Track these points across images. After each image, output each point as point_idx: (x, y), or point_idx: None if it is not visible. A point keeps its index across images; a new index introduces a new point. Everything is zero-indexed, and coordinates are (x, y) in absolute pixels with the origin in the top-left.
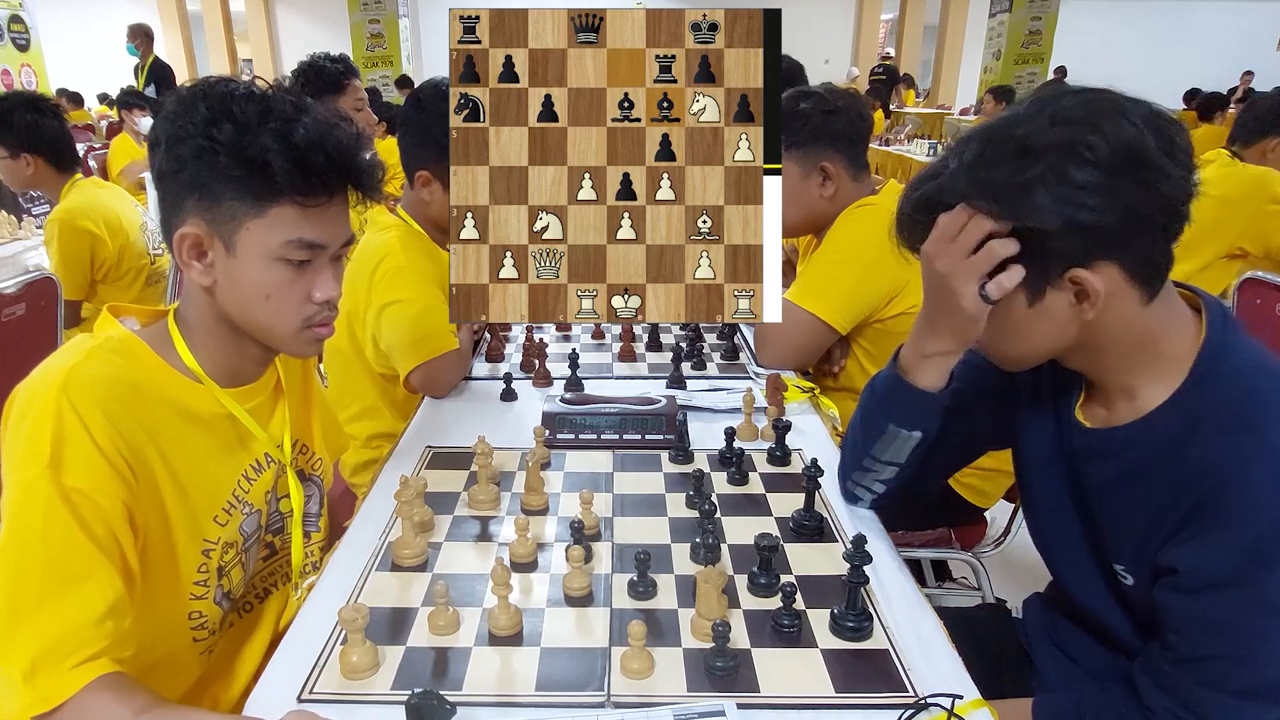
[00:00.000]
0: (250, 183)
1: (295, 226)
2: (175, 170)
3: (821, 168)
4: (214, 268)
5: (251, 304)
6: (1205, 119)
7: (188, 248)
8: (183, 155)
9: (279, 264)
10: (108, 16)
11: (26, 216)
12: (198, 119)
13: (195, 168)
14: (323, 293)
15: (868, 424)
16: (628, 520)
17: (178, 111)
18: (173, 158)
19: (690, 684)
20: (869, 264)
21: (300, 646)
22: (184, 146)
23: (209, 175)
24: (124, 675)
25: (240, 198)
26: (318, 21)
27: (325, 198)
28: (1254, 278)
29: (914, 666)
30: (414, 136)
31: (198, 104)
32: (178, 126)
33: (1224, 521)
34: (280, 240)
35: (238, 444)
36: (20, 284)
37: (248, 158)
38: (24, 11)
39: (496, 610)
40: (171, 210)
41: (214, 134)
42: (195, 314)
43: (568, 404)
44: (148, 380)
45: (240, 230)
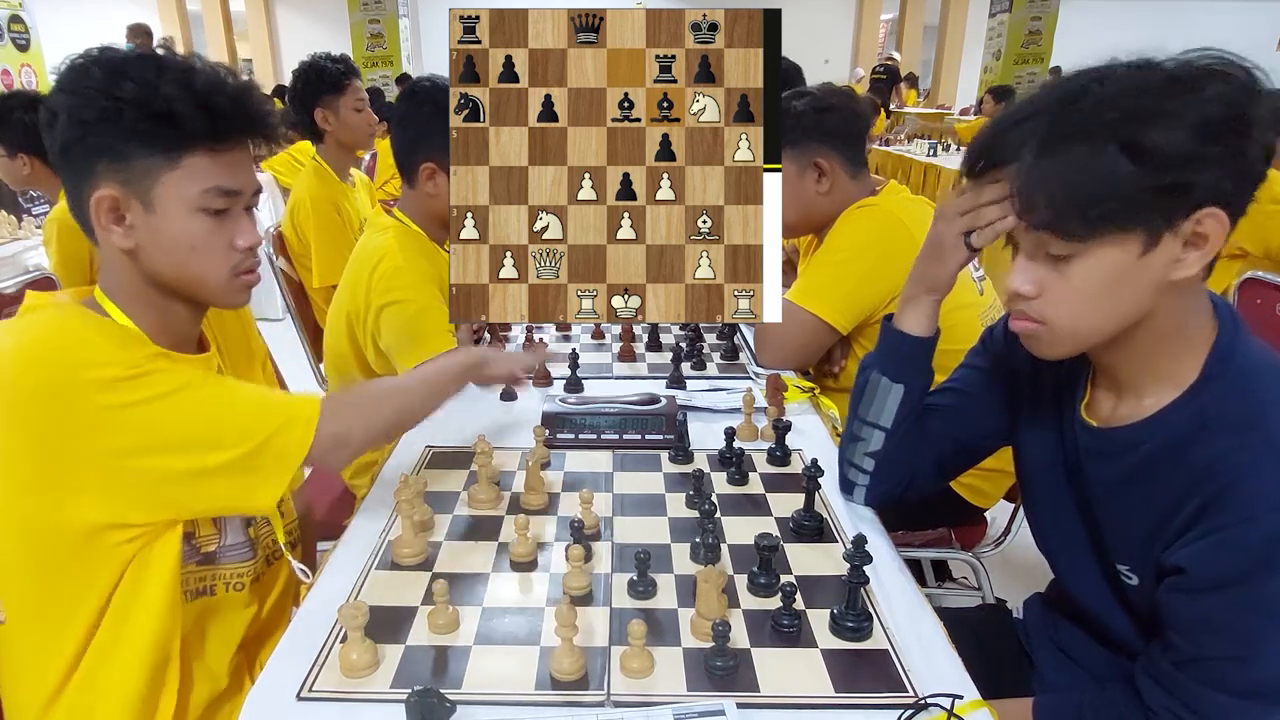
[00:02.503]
0: (160, 135)
1: (210, 174)
2: (79, 138)
3: (816, 164)
4: (134, 229)
5: (178, 257)
6: None
7: (105, 212)
8: (86, 120)
9: (199, 214)
10: (108, 16)
11: (26, 216)
12: (95, 83)
13: (101, 130)
14: (245, 239)
15: (858, 379)
16: (627, 520)
17: (73, 80)
18: (75, 125)
19: (690, 684)
20: (870, 264)
21: (300, 644)
22: (86, 112)
23: (116, 136)
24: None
25: (151, 152)
26: (318, 21)
27: (234, 141)
28: (1254, 278)
29: (914, 667)
30: (413, 130)
31: (91, 70)
32: (75, 95)
33: (1231, 521)
34: (198, 189)
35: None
36: (20, 284)
37: (154, 110)
38: (24, 11)
39: (560, 653)
40: (79, 180)
41: (116, 93)
42: (120, 281)
43: (567, 404)
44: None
45: (156, 185)
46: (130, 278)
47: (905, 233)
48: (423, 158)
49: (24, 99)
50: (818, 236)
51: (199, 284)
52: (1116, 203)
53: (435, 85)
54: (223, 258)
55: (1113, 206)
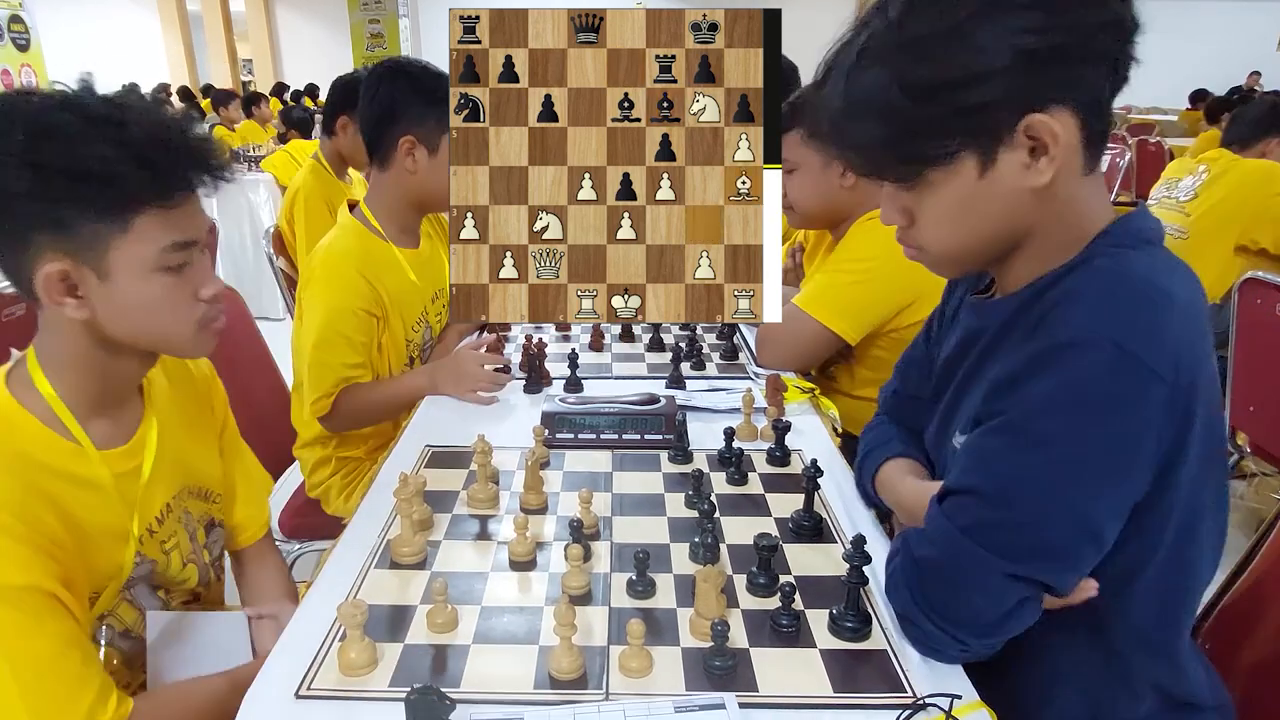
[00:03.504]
0: (100, 200)
1: (164, 231)
2: (7, 209)
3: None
4: (88, 300)
5: (140, 320)
6: (1213, 121)
7: (56, 287)
8: (14, 192)
9: (159, 274)
10: (108, 16)
11: None
12: (16, 147)
13: (31, 201)
14: (209, 289)
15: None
16: (627, 519)
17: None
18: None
19: (689, 683)
20: (880, 276)
21: (299, 643)
22: (14, 182)
23: (50, 204)
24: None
25: (96, 219)
26: (318, 21)
27: (184, 194)
28: (1254, 278)
29: (912, 667)
30: (387, 104)
31: (10, 131)
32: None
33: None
34: (155, 250)
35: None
36: None
37: (88, 175)
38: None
39: (559, 652)
40: (16, 252)
41: (41, 159)
42: (64, 349)
43: (567, 404)
44: (33, 452)
45: (109, 252)
46: (76, 344)
47: None
48: (400, 131)
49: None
50: (833, 234)
51: (163, 342)
52: (919, 144)
53: (407, 60)
54: (187, 313)
55: (917, 148)
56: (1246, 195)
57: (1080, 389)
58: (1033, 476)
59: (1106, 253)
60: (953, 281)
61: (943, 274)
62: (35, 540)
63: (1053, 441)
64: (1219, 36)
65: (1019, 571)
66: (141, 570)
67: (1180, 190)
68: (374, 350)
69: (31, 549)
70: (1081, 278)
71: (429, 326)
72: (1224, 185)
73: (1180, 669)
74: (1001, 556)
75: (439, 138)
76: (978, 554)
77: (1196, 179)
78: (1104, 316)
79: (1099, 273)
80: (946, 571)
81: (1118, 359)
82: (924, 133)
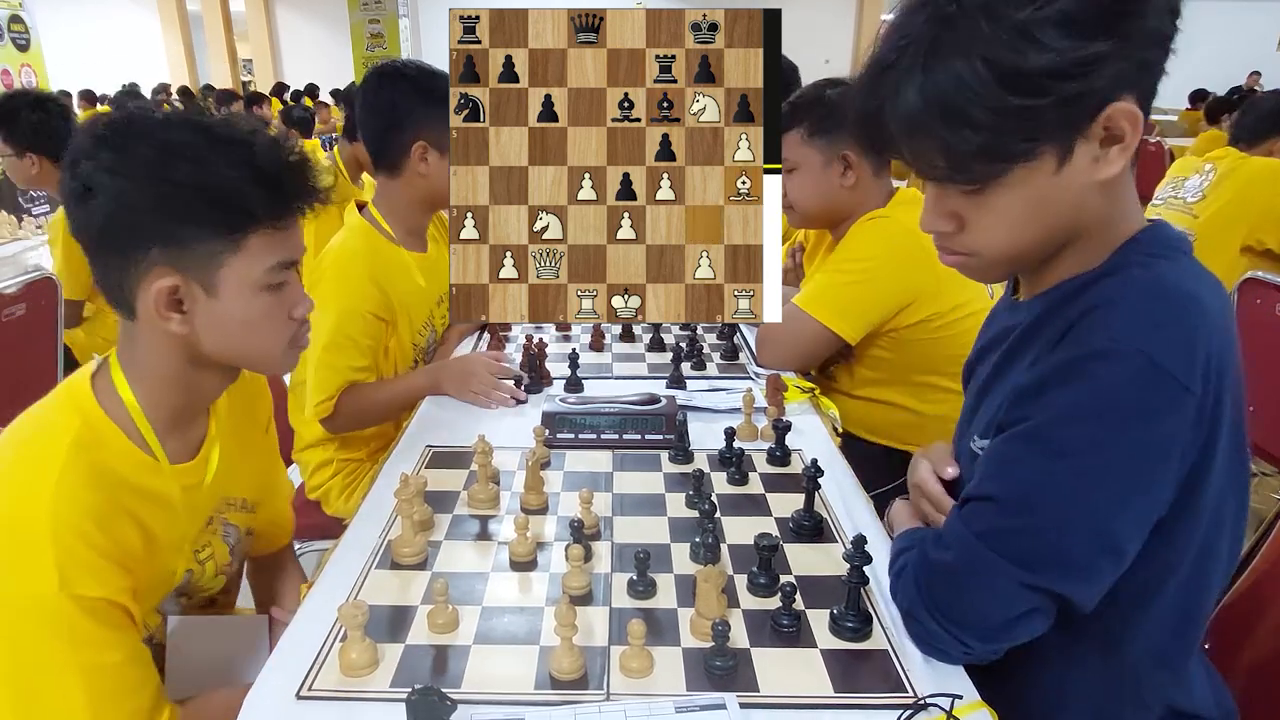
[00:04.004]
0: (223, 220)
1: (271, 251)
2: (128, 223)
3: (843, 156)
4: (192, 315)
5: (239, 339)
6: (1213, 121)
7: (165, 302)
8: (139, 205)
9: (263, 293)
10: (108, 16)
11: (26, 216)
12: (142, 162)
13: (154, 216)
14: (300, 309)
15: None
16: (627, 520)
17: (116, 159)
18: (123, 209)
19: (690, 683)
20: (879, 275)
21: (299, 644)
22: (136, 196)
23: (171, 221)
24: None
25: (214, 237)
26: (318, 21)
27: (293, 216)
28: (1254, 278)
29: (913, 667)
30: (394, 112)
31: (137, 148)
32: (122, 176)
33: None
34: (262, 269)
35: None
36: (20, 284)
37: (218, 194)
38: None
39: (559, 652)
40: (123, 263)
41: (171, 175)
42: (152, 363)
43: (567, 404)
44: (117, 467)
45: (220, 269)
46: (166, 359)
47: (916, 244)
48: (411, 137)
49: (31, 98)
50: (833, 234)
51: (253, 359)
52: (1010, 141)
53: (403, 62)
54: (282, 331)
55: (1007, 146)
56: (1255, 195)
57: (1107, 399)
58: (1053, 485)
59: (1140, 261)
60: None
61: (987, 280)
62: (115, 554)
63: (1076, 451)
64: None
65: (1033, 581)
66: (182, 581)
67: (1187, 190)
68: (380, 354)
69: (111, 562)
70: (1116, 286)
71: (434, 330)
72: (1231, 186)
73: (1189, 682)
74: (1017, 565)
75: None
76: (992, 561)
77: (1203, 178)
78: (1137, 327)
79: (1133, 282)
80: (959, 575)
81: (1148, 371)
82: (1016, 128)
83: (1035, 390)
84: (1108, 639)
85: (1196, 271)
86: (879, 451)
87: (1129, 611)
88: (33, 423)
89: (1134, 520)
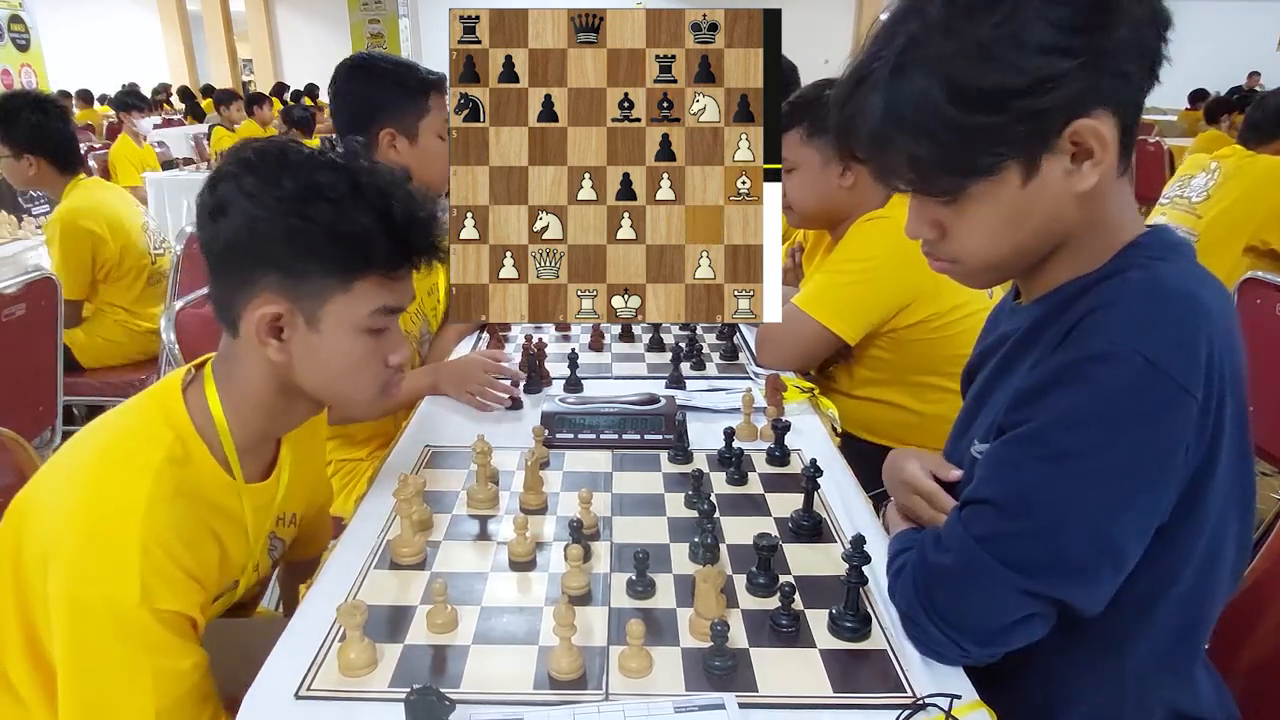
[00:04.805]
0: (344, 262)
1: (379, 296)
2: (253, 247)
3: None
4: (290, 344)
5: (332, 377)
6: (1212, 121)
7: (266, 327)
8: (268, 234)
9: (363, 335)
10: (108, 16)
11: (26, 216)
12: (284, 194)
13: (282, 246)
14: (398, 356)
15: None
16: (626, 520)
17: (258, 186)
18: (253, 234)
19: (689, 683)
20: (879, 276)
21: (298, 643)
22: (270, 224)
23: (297, 254)
24: None
25: (329, 275)
26: (318, 21)
27: (410, 269)
28: (1254, 278)
29: (912, 667)
30: (362, 100)
31: (281, 180)
32: (260, 204)
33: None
34: (367, 311)
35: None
36: (20, 284)
37: (346, 238)
38: (24, 11)
39: (558, 652)
40: (237, 282)
41: (308, 213)
42: (247, 385)
43: (567, 404)
44: (203, 485)
45: (325, 305)
46: (261, 384)
47: (915, 245)
48: (378, 126)
49: (31, 99)
50: (832, 234)
51: (344, 399)
52: (968, 156)
53: (368, 54)
54: (376, 375)
55: (966, 161)
56: (1262, 195)
57: (1106, 403)
58: (1052, 489)
59: (1140, 263)
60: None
61: (976, 285)
62: (194, 570)
63: (1075, 455)
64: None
65: (1032, 587)
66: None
67: (1193, 189)
68: None
69: (190, 578)
70: (1115, 289)
71: (426, 319)
72: (1238, 185)
73: (1193, 686)
74: (1016, 570)
75: (416, 125)
76: (991, 565)
77: (1209, 177)
78: (1136, 330)
79: (1132, 284)
80: (958, 579)
81: (1147, 374)
82: (975, 144)
83: (1035, 393)
84: (1109, 642)
85: (1199, 274)
86: (878, 451)
87: (1131, 616)
88: (124, 429)
89: (1134, 524)
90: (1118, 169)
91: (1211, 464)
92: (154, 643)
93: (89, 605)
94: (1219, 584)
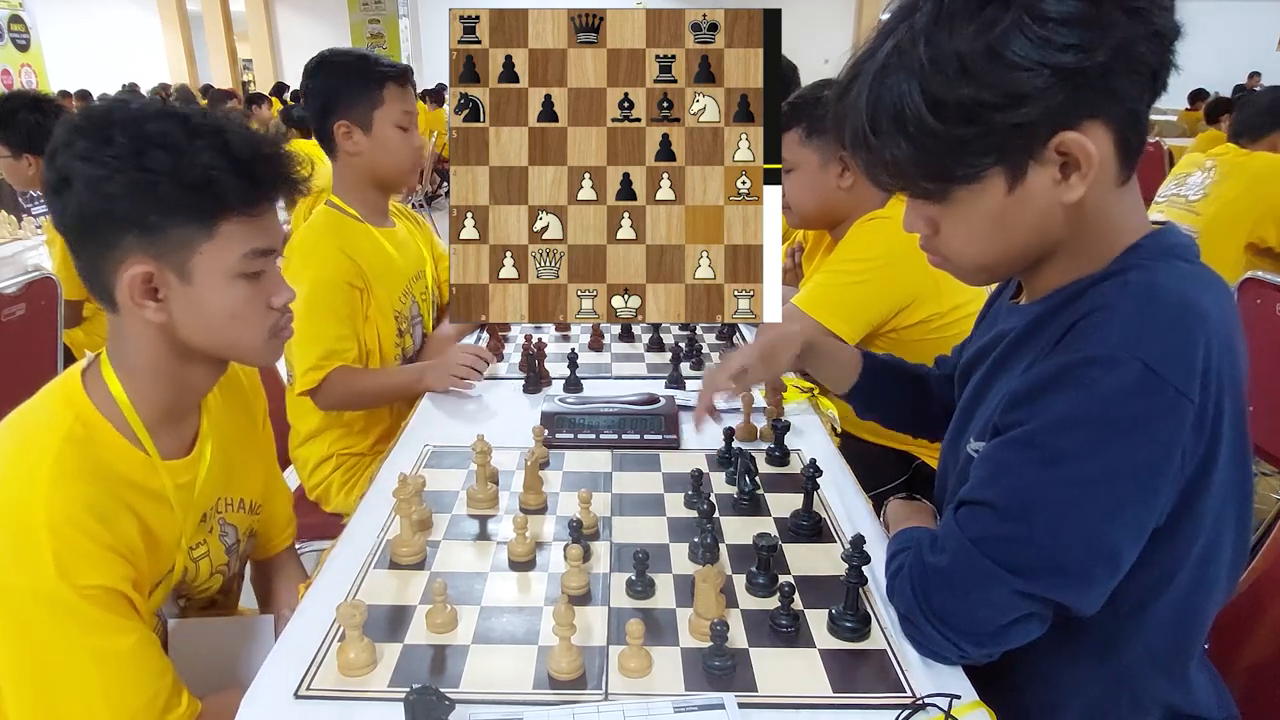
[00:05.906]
0: (197, 206)
1: (247, 238)
2: (103, 210)
3: (841, 157)
4: (168, 303)
5: (217, 327)
6: (1212, 121)
7: (139, 289)
8: (114, 194)
9: (239, 280)
10: (108, 16)
11: (26, 216)
12: (118, 151)
13: (129, 203)
14: (280, 298)
15: None
16: (626, 519)
17: (91, 146)
18: (98, 197)
19: (688, 683)
20: (878, 276)
21: (298, 643)
22: (111, 184)
23: (148, 208)
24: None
25: (187, 223)
26: (318, 21)
27: (268, 203)
28: (1254, 278)
29: (911, 667)
30: (322, 97)
31: (112, 135)
32: (96, 163)
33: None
34: (237, 255)
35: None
36: (20, 284)
37: (191, 181)
38: (24, 11)
39: (558, 652)
40: (99, 252)
41: (147, 164)
42: (139, 356)
43: (566, 404)
44: (113, 462)
45: (194, 256)
46: (151, 351)
47: (915, 244)
48: (334, 120)
49: (28, 99)
50: (832, 234)
51: (234, 349)
52: (946, 163)
53: (331, 50)
54: (261, 320)
55: (944, 167)
56: (1260, 192)
57: (1103, 406)
58: (1048, 493)
59: (1140, 266)
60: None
61: (972, 283)
62: (113, 544)
63: (1071, 458)
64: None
65: (1028, 589)
66: (178, 580)
67: (1189, 188)
68: (360, 321)
69: (110, 552)
70: (1113, 291)
71: (415, 301)
72: (1235, 183)
73: (1189, 685)
74: (1012, 572)
75: (370, 115)
76: (987, 567)
77: (1206, 175)
78: (1134, 333)
79: (1131, 287)
80: (954, 581)
81: (1144, 378)
82: (953, 152)
83: (1030, 395)
84: (1105, 642)
85: (1200, 276)
86: (877, 451)
87: (1127, 616)
88: (25, 419)
89: (1130, 528)
90: (1117, 178)
91: (1208, 467)
92: (86, 621)
93: (12, 590)
94: (1215, 586)
